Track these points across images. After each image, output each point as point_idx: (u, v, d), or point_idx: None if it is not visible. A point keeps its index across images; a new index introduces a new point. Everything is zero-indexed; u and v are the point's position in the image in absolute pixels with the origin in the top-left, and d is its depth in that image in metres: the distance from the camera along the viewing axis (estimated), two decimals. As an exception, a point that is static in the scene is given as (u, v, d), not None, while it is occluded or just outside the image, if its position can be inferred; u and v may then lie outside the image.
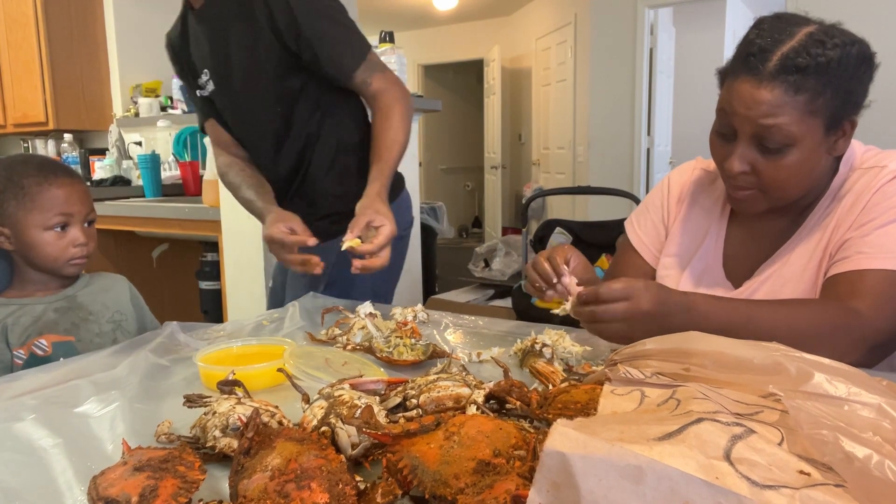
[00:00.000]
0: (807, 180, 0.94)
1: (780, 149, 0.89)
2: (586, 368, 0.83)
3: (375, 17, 6.96)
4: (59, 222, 1.14)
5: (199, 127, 1.55)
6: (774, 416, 0.45)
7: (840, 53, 0.88)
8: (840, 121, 0.92)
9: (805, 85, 0.86)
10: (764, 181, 0.93)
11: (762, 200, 0.96)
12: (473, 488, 0.47)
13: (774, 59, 0.87)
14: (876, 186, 0.93)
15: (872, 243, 0.89)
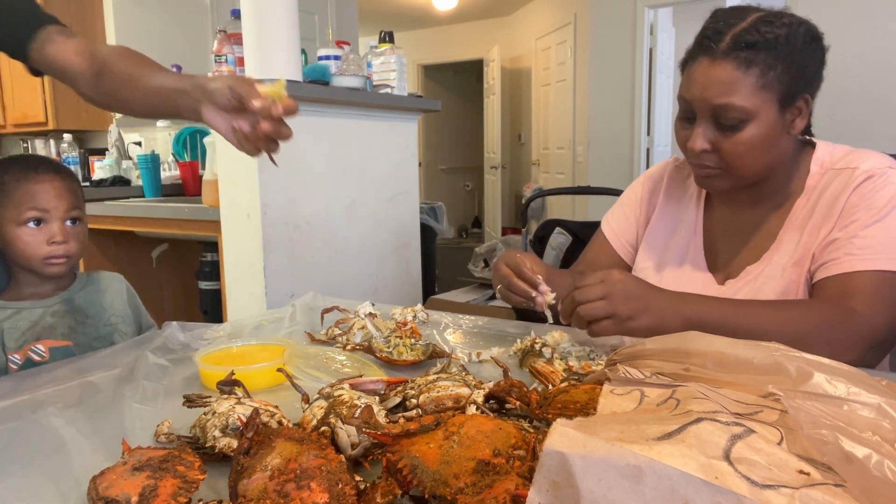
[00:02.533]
0: (766, 156, 0.97)
1: (736, 125, 0.93)
2: (586, 368, 0.83)
3: (375, 17, 6.96)
4: (33, 217, 1.11)
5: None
6: (774, 416, 0.45)
7: (788, 31, 0.93)
8: (794, 97, 0.95)
9: (756, 59, 0.91)
10: (725, 157, 0.96)
11: (725, 178, 0.99)
12: (473, 488, 0.47)
13: (727, 38, 0.93)
14: (852, 187, 0.95)
15: (859, 245, 0.91)
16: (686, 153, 1.01)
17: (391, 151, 2.38)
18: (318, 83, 2.02)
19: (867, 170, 0.96)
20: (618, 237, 1.21)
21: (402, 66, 2.31)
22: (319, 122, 2.06)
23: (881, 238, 0.91)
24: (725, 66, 0.92)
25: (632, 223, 1.20)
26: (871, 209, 0.92)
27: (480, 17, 7.33)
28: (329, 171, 2.11)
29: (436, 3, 6.50)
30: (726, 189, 1.02)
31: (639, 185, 1.22)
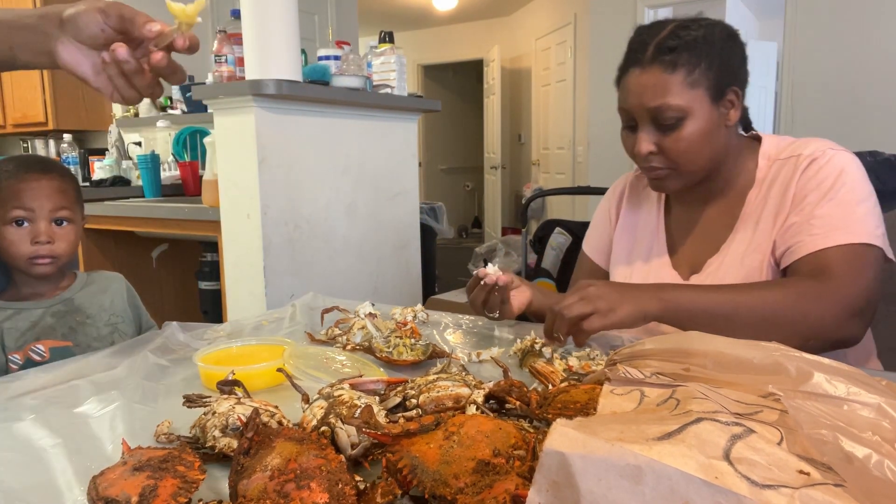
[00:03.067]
0: (707, 149, 1.02)
1: (674, 123, 1.00)
2: (586, 368, 0.83)
3: (375, 17, 6.96)
4: (17, 216, 1.11)
5: None
6: (774, 416, 0.45)
7: (704, 32, 1.00)
8: (723, 90, 1.02)
9: (679, 61, 0.98)
10: (670, 156, 1.02)
11: (675, 177, 1.05)
12: (473, 488, 0.47)
13: (651, 48, 1.01)
14: (799, 172, 1.01)
15: (818, 225, 0.95)
16: (635, 160, 1.07)
17: (391, 151, 2.38)
18: (318, 83, 2.02)
19: (810, 154, 1.01)
20: (598, 252, 1.28)
21: (402, 66, 2.31)
22: (319, 122, 2.06)
23: (837, 214, 0.95)
24: (653, 72, 0.99)
25: (605, 237, 1.27)
26: (821, 188, 0.97)
27: (480, 17, 7.33)
28: (329, 171, 2.11)
29: (436, 3, 6.50)
30: (679, 188, 1.07)
31: (605, 200, 1.30)
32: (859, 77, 3.86)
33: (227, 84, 1.95)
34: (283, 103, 1.90)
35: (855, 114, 3.89)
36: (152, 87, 0.71)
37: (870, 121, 3.83)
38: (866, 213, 0.95)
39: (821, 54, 4.00)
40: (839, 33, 3.93)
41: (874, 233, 0.94)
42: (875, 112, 3.82)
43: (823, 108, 4.03)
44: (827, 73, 3.98)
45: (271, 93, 1.80)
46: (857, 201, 0.96)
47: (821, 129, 3.98)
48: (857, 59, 3.87)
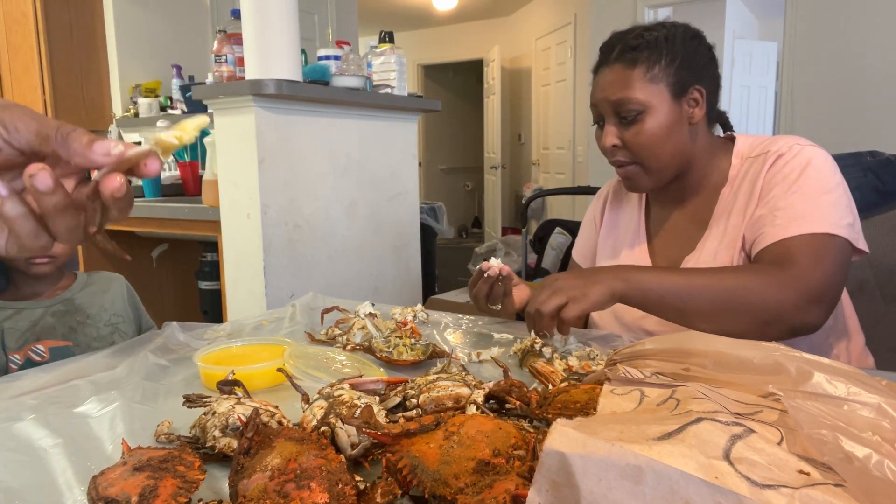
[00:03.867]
0: (670, 145, 1.06)
1: (635, 117, 1.04)
2: (586, 368, 0.83)
3: (375, 17, 6.96)
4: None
5: None
6: (774, 416, 0.45)
7: (666, 32, 1.06)
8: (685, 87, 1.06)
9: (639, 58, 1.04)
10: (633, 150, 1.06)
11: (643, 175, 1.09)
12: (473, 488, 0.47)
13: (616, 48, 1.06)
14: (766, 167, 1.03)
15: (782, 215, 0.98)
16: (604, 153, 1.11)
17: (391, 151, 2.38)
18: (318, 83, 2.02)
19: (777, 150, 1.04)
20: (585, 258, 1.32)
21: (402, 66, 2.31)
22: (319, 122, 2.06)
23: (801, 205, 0.97)
24: (616, 69, 1.06)
25: (591, 242, 1.32)
26: (786, 181, 1.00)
27: (480, 17, 7.33)
28: (329, 171, 2.11)
29: (436, 3, 6.50)
30: (651, 187, 1.11)
31: (591, 207, 1.35)
32: (859, 77, 3.86)
33: (227, 84, 1.95)
34: (283, 103, 1.91)
35: (855, 114, 3.89)
36: (77, 231, 0.45)
37: (870, 121, 3.83)
38: (831, 204, 0.97)
39: (821, 54, 4.00)
40: (839, 33, 3.93)
41: (838, 223, 0.95)
42: (875, 112, 3.82)
43: (823, 108, 4.03)
44: (827, 73, 3.98)
45: (271, 93, 1.80)
46: (822, 192, 0.97)
47: (821, 129, 3.98)
48: (857, 59, 3.87)
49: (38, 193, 0.40)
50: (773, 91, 5.79)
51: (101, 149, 0.41)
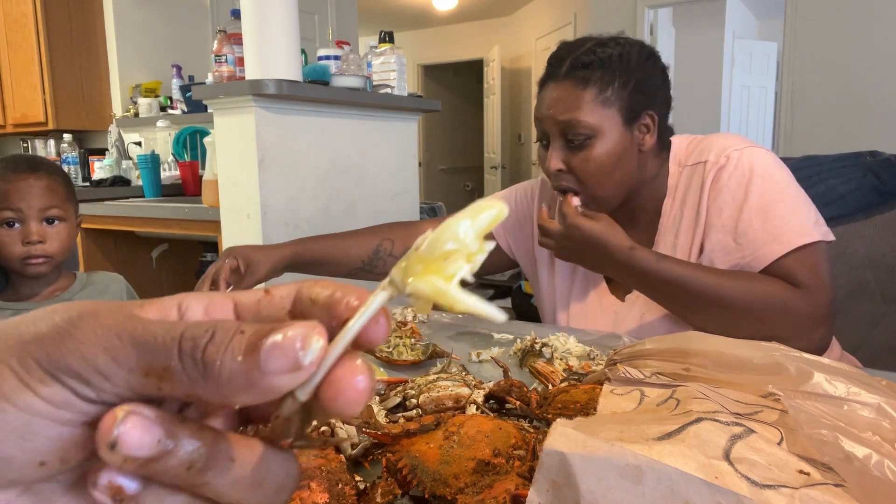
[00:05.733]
0: (617, 174, 0.99)
1: (583, 142, 0.97)
2: (586, 368, 0.83)
3: (375, 17, 6.96)
4: (7, 218, 1.10)
5: None
6: (774, 416, 0.45)
7: (621, 50, 0.98)
8: (637, 113, 0.98)
9: (592, 77, 0.96)
10: (578, 176, 0.99)
11: (588, 203, 1.01)
12: (473, 488, 0.47)
13: (567, 62, 0.99)
14: (708, 183, 0.97)
15: (747, 242, 0.93)
16: (547, 176, 1.05)
17: (391, 151, 2.38)
18: (318, 83, 2.02)
19: (714, 161, 0.98)
20: (503, 239, 1.24)
21: (402, 66, 2.31)
22: (319, 122, 2.06)
23: (761, 224, 0.92)
24: (566, 86, 0.98)
25: (525, 232, 1.22)
26: (734, 200, 0.95)
27: (480, 17, 7.33)
28: (329, 171, 2.11)
29: (436, 3, 6.50)
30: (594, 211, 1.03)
31: (521, 203, 1.24)
32: (859, 77, 3.86)
33: (227, 84, 1.95)
34: (283, 103, 1.91)
35: (855, 114, 3.89)
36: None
37: (870, 121, 3.83)
38: (790, 211, 0.92)
39: (821, 54, 3.99)
40: (839, 33, 3.93)
41: (805, 229, 0.91)
42: (875, 112, 3.82)
43: (823, 108, 4.03)
44: (827, 73, 3.98)
45: (271, 93, 1.80)
46: (775, 201, 0.92)
47: (821, 129, 3.98)
48: (857, 59, 3.87)
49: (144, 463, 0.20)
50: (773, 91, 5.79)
51: (279, 362, 0.20)
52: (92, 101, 3.82)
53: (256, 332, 0.20)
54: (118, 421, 0.19)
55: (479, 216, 0.23)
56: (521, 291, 3.10)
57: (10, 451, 0.19)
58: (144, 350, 0.19)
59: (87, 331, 0.20)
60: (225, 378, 0.19)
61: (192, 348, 0.19)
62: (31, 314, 0.21)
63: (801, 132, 4.07)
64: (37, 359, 0.19)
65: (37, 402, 0.19)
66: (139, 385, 0.20)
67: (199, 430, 0.20)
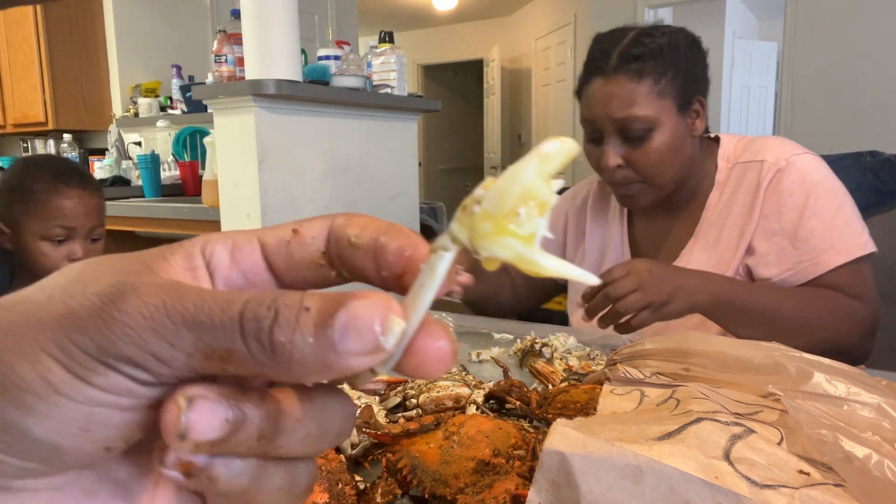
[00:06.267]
0: (676, 161, 0.99)
1: (643, 135, 0.96)
2: (586, 368, 0.83)
3: (375, 17, 6.96)
4: (59, 235, 1.11)
5: None
6: (774, 416, 0.45)
7: (669, 39, 0.97)
8: (689, 100, 0.99)
9: (645, 70, 0.95)
10: (639, 169, 0.98)
11: (647, 192, 1.01)
12: (473, 488, 0.47)
13: (614, 56, 0.96)
14: (765, 183, 0.97)
15: (806, 246, 0.94)
16: (601, 173, 1.03)
17: (391, 151, 2.38)
18: (318, 83, 2.02)
19: (774, 162, 0.98)
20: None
21: (402, 66, 2.31)
22: (319, 122, 2.06)
23: (822, 231, 0.93)
24: (619, 81, 0.95)
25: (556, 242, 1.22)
26: (794, 204, 0.95)
27: (480, 17, 7.33)
28: (329, 171, 2.11)
29: (436, 3, 6.49)
30: (650, 204, 1.04)
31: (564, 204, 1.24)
32: (859, 77, 3.86)
33: (227, 84, 1.95)
34: (283, 103, 1.91)
35: (855, 114, 3.89)
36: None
37: (870, 121, 3.83)
38: (847, 223, 0.94)
39: (821, 54, 3.99)
40: (839, 33, 3.93)
41: (861, 240, 0.94)
42: (875, 112, 3.82)
43: (823, 108, 4.03)
44: (827, 73, 3.98)
45: (271, 93, 1.80)
46: (836, 210, 0.94)
47: (821, 129, 3.98)
48: (857, 59, 3.87)
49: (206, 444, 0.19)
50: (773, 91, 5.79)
51: (356, 344, 0.18)
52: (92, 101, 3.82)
53: (322, 308, 0.18)
54: (183, 409, 0.18)
55: (548, 157, 0.20)
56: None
57: (74, 442, 0.18)
58: (202, 332, 0.18)
59: (133, 312, 0.18)
60: (297, 360, 0.18)
61: (256, 330, 0.18)
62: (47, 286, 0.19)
63: (801, 132, 4.07)
64: (82, 347, 0.18)
65: (95, 392, 0.18)
66: (200, 367, 0.18)
67: (262, 399, 0.19)
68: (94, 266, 0.20)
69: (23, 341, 0.18)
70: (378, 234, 0.22)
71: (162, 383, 0.18)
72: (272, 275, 0.22)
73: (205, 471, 0.19)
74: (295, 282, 0.23)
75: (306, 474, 0.21)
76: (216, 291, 0.19)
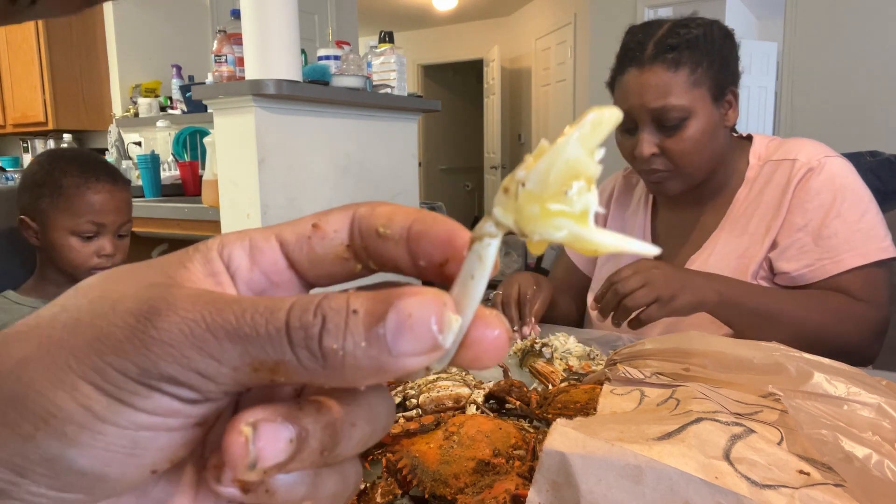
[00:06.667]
0: (709, 150, 1.01)
1: (678, 124, 0.97)
2: (586, 368, 0.83)
3: (375, 17, 6.96)
4: (89, 230, 1.10)
5: None
6: (774, 416, 0.45)
7: (703, 30, 0.99)
8: (723, 90, 1.01)
9: (682, 59, 0.96)
10: (673, 157, 1.00)
11: (678, 180, 1.03)
12: (473, 488, 0.47)
13: (650, 46, 0.98)
14: (796, 180, 0.99)
15: (829, 245, 0.95)
16: (634, 163, 1.05)
17: (391, 151, 2.38)
18: (318, 83, 2.02)
19: (806, 161, 1.00)
20: (580, 256, 1.26)
21: (402, 66, 2.31)
22: (319, 122, 2.06)
23: (846, 232, 0.95)
24: (655, 71, 0.97)
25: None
26: (821, 204, 0.97)
27: (480, 17, 7.33)
28: (329, 171, 2.11)
29: (436, 3, 6.49)
30: (679, 191, 1.05)
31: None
32: (859, 77, 3.86)
33: (227, 84, 1.95)
34: (282, 103, 1.91)
35: (855, 114, 3.89)
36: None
37: (870, 121, 3.83)
38: (871, 226, 0.96)
39: (821, 54, 3.99)
40: (839, 33, 3.93)
41: (883, 245, 0.95)
42: (875, 112, 3.82)
43: (823, 108, 4.03)
44: (827, 73, 3.98)
45: (271, 93, 1.80)
46: (862, 213, 0.96)
47: (821, 129, 3.98)
48: (857, 59, 3.87)
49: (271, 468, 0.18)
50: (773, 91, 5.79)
51: (412, 345, 0.18)
52: (92, 101, 3.82)
53: (371, 310, 0.17)
54: (250, 439, 0.17)
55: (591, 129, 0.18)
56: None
57: (120, 469, 0.17)
58: (247, 345, 0.17)
59: (172, 329, 0.17)
60: (350, 366, 0.17)
61: (305, 338, 0.17)
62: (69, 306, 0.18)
63: (801, 132, 4.07)
64: (122, 370, 0.17)
65: (140, 416, 0.17)
66: (247, 380, 0.17)
67: (319, 412, 0.19)
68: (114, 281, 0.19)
69: (55, 369, 0.17)
70: (409, 222, 0.20)
71: (208, 400, 0.18)
72: (294, 273, 0.22)
73: (263, 485, 0.18)
74: (319, 277, 0.22)
75: (355, 473, 0.21)
76: (256, 299, 0.18)
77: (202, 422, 0.18)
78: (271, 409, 0.18)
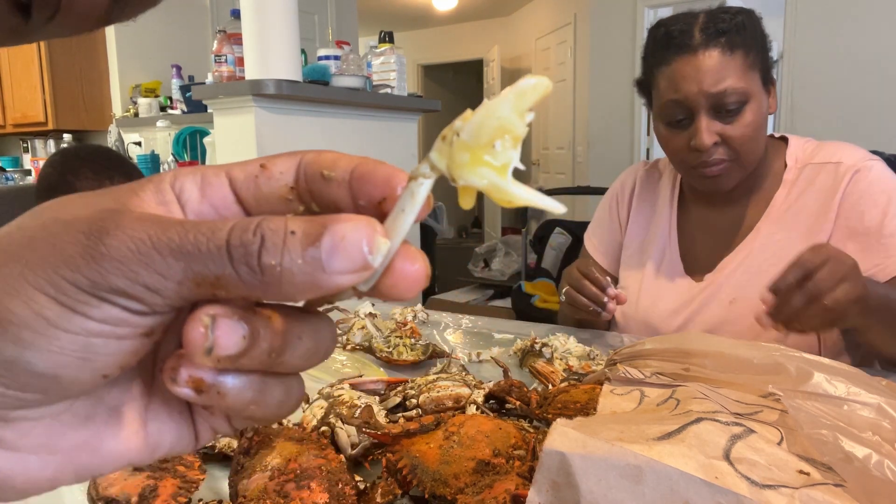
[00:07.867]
0: (762, 137, 0.98)
1: (738, 108, 0.93)
2: (586, 368, 0.83)
3: (375, 17, 6.96)
4: None
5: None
6: (774, 416, 0.45)
7: (743, 17, 0.96)
8: (769, 76, 0.98)
9: (735, 42, 0.93)
10: (734, 144, 0.95)
11: (735, 170, 0.98)
12: (473, 488, 0.47)
13: (696, 33, 0.94)
14: (844, 183, 0.97)
15: (892, 244, 0.93)
16: (689, 156, 0.98)
17: (391, 151, 2.38)
18: (318, 83, 2.02)
19: (852, 164, 0.98)
20: (604, 255, 1.22)
21: (401, 66, 2.31)
22: (319, 122, 2.06)
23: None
24: (711, 54, 0.92)
25: (613, 241, 1.21)
26: (877, 204, 0.95)
27: (480, 17, 7.33)
28: (329, 171, 2.11)
29: (436, 3, 6.49)
30: (733, 185, 1.01)
31: (611, 198, 1.23)
32: (859, 77, 3.86)
33: (227, 84, 1.95)
34: (282, 103, 1.91)
35: (855, 114, 3.89)
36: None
37: (870, 121, 3.83)
38: None
39: (821, 54, 3.99)
40: (839, 33, 3.93)
41: None
42: (875, 112, 3.82)
43: (823, 108, 4.02)
44: (827, 73, 3.98)
45: (271, 93, 1.80)
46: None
47: (821, 129, 3.98)
48: (857, 59, 3.87)
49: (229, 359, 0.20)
50: (773, 91, 5.78)
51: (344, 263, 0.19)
52: (92, 101, 3.82)
53: (308, 231, 0.19)
54: (209, 327, 0.19)
55: (524, 93, 0.21)
56: (520, 291, 3.10)
57: (73, 372, 0.19)
58: (190, 261, 0.19)
59: (121, 247, 0.19)
60: (286, 281, 0.19)
61: (245, 255, 0.19)
62: (24, 225, 0.20)
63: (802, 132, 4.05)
64: (74, 282, 0.18)
65: (91, 324, 0.19)
66: (192, 294, 0.19)
67: (270, 317, 0.20)
68: (66, 205, 0.21)
69: (11, 280, 0.19)
70: (353, 165, 0.22)
71: (155, 312, 0.20)
72: (241, 208, 0.23)
73: (214, 386, 0.20)
74: (263, 215, 0.23)
75: (298, 388, 0.23)
76: (199, 221, 0.20)
77: (149, 332, 0.20)
78: (229, 307, 0.20)
